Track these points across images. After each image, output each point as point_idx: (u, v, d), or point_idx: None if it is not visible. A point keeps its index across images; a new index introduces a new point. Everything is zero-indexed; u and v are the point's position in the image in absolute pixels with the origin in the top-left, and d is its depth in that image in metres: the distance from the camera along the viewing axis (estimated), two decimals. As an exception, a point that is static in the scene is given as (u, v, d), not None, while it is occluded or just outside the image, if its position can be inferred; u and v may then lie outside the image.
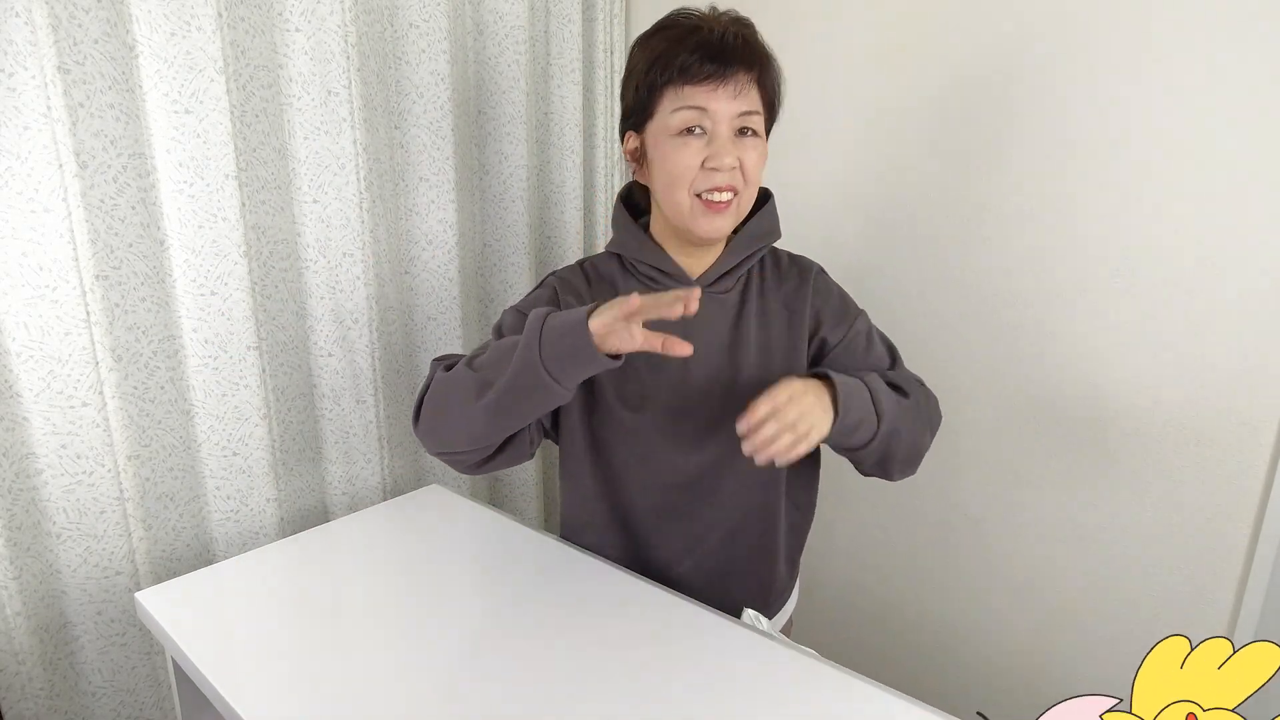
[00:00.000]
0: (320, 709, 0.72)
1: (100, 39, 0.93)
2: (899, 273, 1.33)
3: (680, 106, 0.82)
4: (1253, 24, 0.97)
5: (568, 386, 0.75)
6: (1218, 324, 1.05)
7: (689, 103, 0.82)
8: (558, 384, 0.73)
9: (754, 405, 0.75)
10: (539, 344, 0.73)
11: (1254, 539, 1.07)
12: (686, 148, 0.83)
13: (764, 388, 0.80)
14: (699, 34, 0.82)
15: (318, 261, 1.19)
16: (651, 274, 0.92)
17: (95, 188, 0.94)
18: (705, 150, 0.83)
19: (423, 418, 0.85)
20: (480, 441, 0.83)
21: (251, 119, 1.07)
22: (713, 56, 0.81)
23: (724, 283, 0.92)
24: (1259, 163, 0.99)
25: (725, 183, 0.83)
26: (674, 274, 0.91)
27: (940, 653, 1.41)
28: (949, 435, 1.32)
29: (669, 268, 0.91)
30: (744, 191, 0.85)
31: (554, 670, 0.77)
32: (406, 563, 0.99)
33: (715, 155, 0.82)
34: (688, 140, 0.83)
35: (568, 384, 0.74)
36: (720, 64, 0.81)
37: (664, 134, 0.84)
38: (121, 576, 1.07)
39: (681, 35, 0.83)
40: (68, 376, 0.97)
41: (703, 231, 0.86)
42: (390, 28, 1.22)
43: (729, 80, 0.81)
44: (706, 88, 0.81)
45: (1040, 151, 1.15)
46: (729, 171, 0.83)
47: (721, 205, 0.84)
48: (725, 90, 0.81)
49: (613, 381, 0.89)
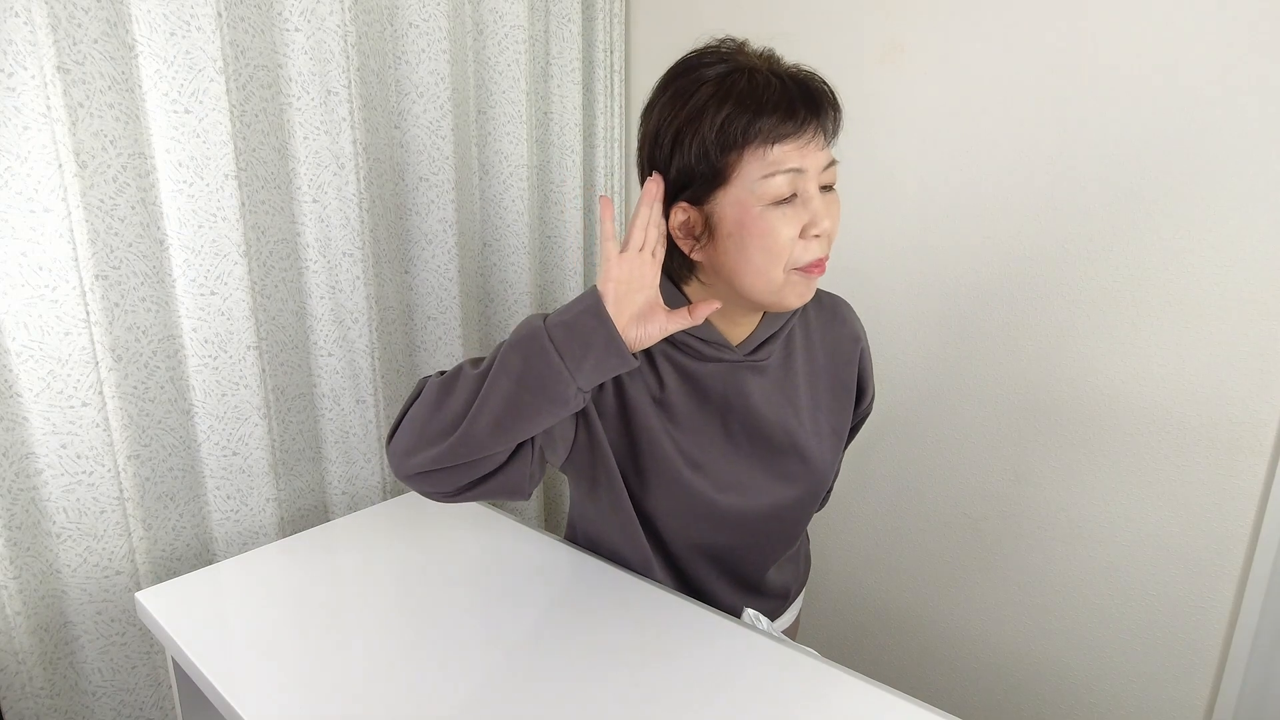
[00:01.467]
0: (320, 709, 0.72)
1: (100, 39, 0.92)
2: (899, 272, 1.33)
3: (772, 172, 0.69)
4: (1256, 23, 0.97)
5: (583, 385, 0.68)
6: (1218, 324, 1.05)
7: (784, 166, 0.69)
8: (573, 379, 0.67)
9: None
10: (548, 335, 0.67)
11: (1254, 539, 1.07)
12: (786, 219, 0.71)
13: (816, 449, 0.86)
14: (760, 74, 0.69)
15: (317, 261, 1.19)
16: (692, 343, 0.81)
17: (95, 187, 0.94)
18: (803, 217, 0.71)
19: (402, 428, 0.74)
20: (472, 451, 0.70)
21: (251, 118, 1.07)
22: (802, 102, 0.69)
23: (766, 349, 0.83)
24: (1259, 162, 0.99)
25: (826, 248, 0.74)
26: (716, 342, 0.81)
27: (941, 652, 1.41)
28: (949, 435, 1.33)
29: (712, 337, 0.81)
30: (828, 252, 0.76)
31: (554, 670, 0.77)
32: (406, 562, 0.99)
33: (815, 222, 0.71)
34: (784, 211, 0.71)
35: (584, 382, 0.68)
36: (811, 112, 0.69)
37: (753, 205, 0.71)
38: (121, 576, 1.07)
39: (742, 86, 0.69)
40: (68, 376, 0.97)
41: (793, 304, 0.76)
42: (390, 27, 1.22)
43: (816, 131, 0.70)
44: (799, 144, 0.69)
45: (1041, 150, 1.15)
46: (831, 225, 0.73)
47: (819, 272, 0.75)
48: (815, 143, 0.71)
49: (669, 435, 0.83)
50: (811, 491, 0.90)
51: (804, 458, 0.87)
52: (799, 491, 0.89)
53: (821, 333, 0.89)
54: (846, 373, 0.91)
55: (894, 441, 1.39)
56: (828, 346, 0.89)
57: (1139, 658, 1.20)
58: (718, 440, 0.84)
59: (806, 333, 0.88)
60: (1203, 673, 1.14)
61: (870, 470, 1.44)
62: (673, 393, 0.82)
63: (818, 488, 0.91)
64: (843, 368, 0.91)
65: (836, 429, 0.91)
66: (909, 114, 1.26)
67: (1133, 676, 1.21)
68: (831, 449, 0.90)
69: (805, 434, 0.87)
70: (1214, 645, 1.13)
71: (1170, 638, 1.16)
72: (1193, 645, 1.15)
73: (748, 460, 0.86)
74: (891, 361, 1.36)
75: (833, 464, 0.91)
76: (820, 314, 0.90)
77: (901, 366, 1.35)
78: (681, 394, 0.83)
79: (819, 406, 0.89)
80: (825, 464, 0.89)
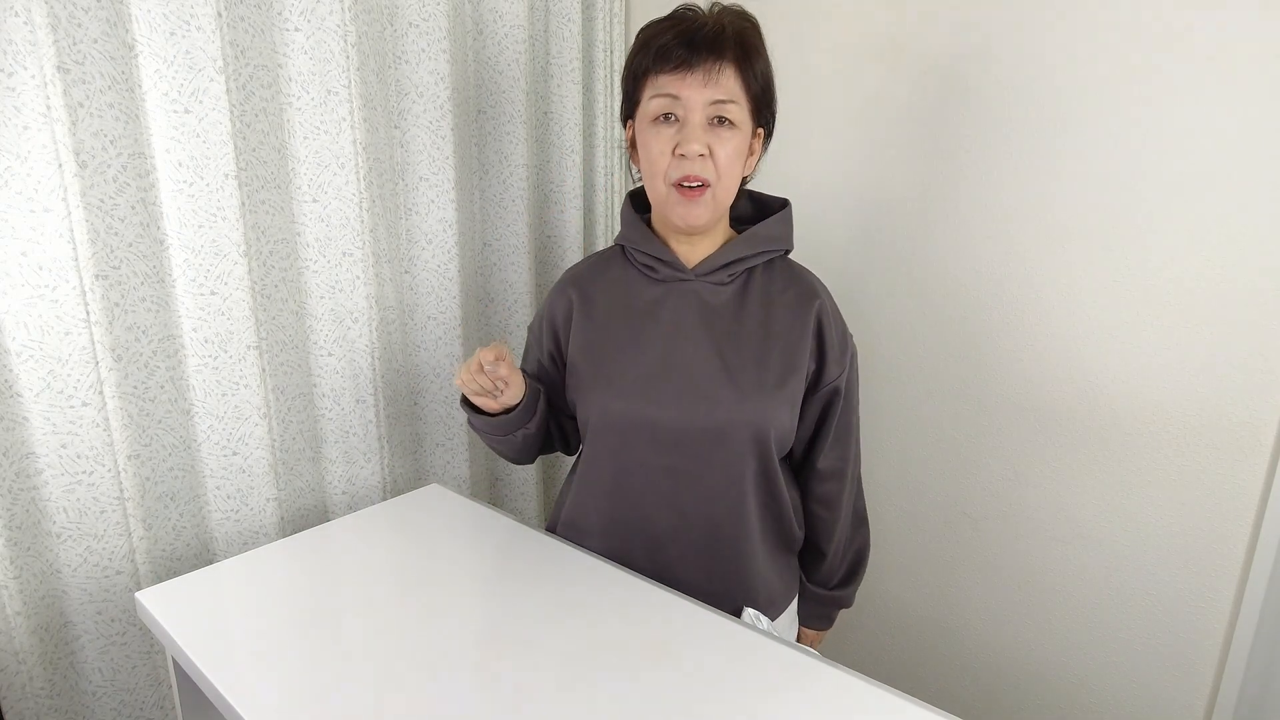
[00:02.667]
0: (320, 708, 0.72)
1: (100, 38, 0.92)
2: (899, 272, 1.33)
3: (656, 94, 0.85)
4: (1254, 22, 0.97)
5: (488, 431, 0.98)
6: (1218, 324, 1.05)
7: (662, 90, 0.85)
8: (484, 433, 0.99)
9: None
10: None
11: (1254, 539, 1.07)
12: (659, 135, 0.86)
13: (760, 373, 0.90)
14: (683, 24, 0.85)
15: (317, 261, 1.19)
16: (650, 263, 0.95)
17: (95, 187, 0.94)
18: (676, 137, 0.85)
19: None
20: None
21: (251, 118, 1.07)
22: (686, 44, 0.83)
23: (720, 275, 0.93)
24: (1259, 162, 0.99)
25: (695, 171, 0.85)
26: (670, 262, 0.94)
27: (940, 652, 1.42)
28: (949, 435, 1.33)
29: (666, 256, 0.94)
30: (717, 182, 0.87)
31: (554, 669, 0.77)
32: (406, 562, 0.99)
33: (684, 142, 0.84)
34: (661, 128, 0.86)
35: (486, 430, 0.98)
36: (690, 50, 0.83)
37: (644, 121, 0.88)
38: (122, 576, 1.07)
39: (668, 25, 0.86)
40: (68, 376, 0.97)
41: (678, 219, 0.89)
42: (390, 27, 1.22)
43: (698, 67, 0.83)
44: (678, 75, 0.83)
45: (1041, 150, 1.15)
46: (697, 160, 0.85)
47: (692, 193, 0.86)
48: (695, 77, 0.83)
49: (593, 359, 0.95)
50: (746, 422, 0.89)
51: (736, 386, 0.90)
52: (726, 417, 0.89)
53: (782, 285, 0.95)
54: (800, 324, 0.92)
55: (894, 441, 1.39)
56: (786, 299, 0.94)
57: (1139, 658, 1.20)
58: (633, 350, 0.94)
59: (768, 284, 0.95)
60: (1203, 673, 1.14)
61: (870, 470, 1.44)
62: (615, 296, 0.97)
63: (756, 419, 0.90)
64: (798, 320, 0.93)
65: (788, 369, 0.91)
66: (909, 113, 1.26)
67: (1133, 676, 1.21)
68: (776, 388, 0.90)
69: (744, 365, 0.91)
70: (1214, 645, 1.13)
71: (1170, 638, 1.16)
72: (1193, 645, 1.15)
73: (668, 374, 0.91)
74: (892, 361, 1.36)
75: (778, 406, 0.90)
76: (787, 275, 0.97)
77: (901, 366, 1.35)
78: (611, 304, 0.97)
79: (770, 349, 0.91)
80: (763, 399, 0.90)
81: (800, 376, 0.92)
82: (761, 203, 1.01)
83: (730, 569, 0.95)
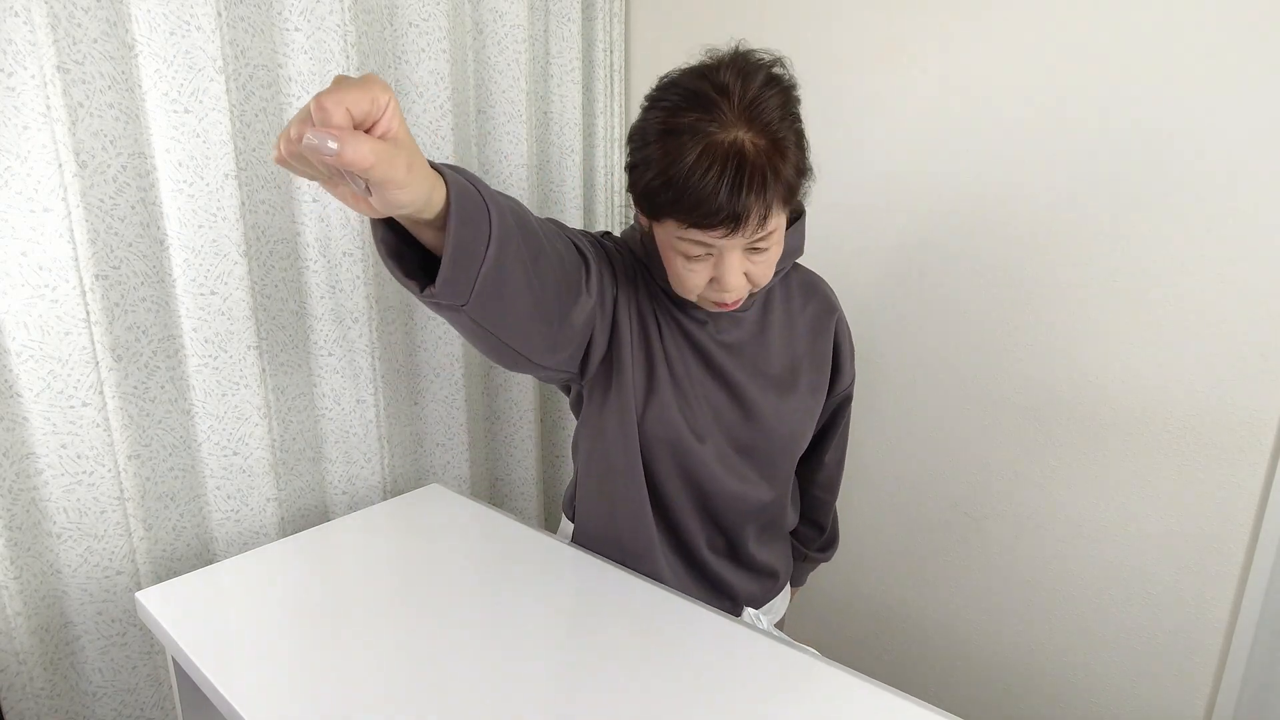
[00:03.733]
0: (320, 708, 0.72)
1: (99, 38, 0.92)
2: (898, 271, 1.33)
3: (688, 240, 0.75)
4: (1255, 23, 0.97)
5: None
6: (1218, 324, 1.05)
7: (697, 239, 0.74)
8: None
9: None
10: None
11: (1254, 539, 1.07)
12: (691, 270, 0.77)
13: (788, 398, 0.91)
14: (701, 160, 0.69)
15: (318, 261, 1.19)
16: (670, 291, 0.88)
17: (95, 187, 0.94)
18: (711, 271, 0.77)
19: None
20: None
21: (251, 118, 1.07)
22: (726, 200, 0.70)
23: (743, 303, 0.87)
24: (1260, 161, 0.99)
25: (734, 298, 0.80)
26: (699, 319, 0.89)
27: (940, 652, 1.42)
28: (949, 434, 1.33)
29: (697, 315, 0.89)
30: (756, 288, 0.81)
31: (554, 669, 0.77)
32: (406, 562, 0.99)
33: (723, 279, 0.77)
34: (693, 266, 0.77)
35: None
36: (734, 221, 0.71)
37: (669, 245, 0.78)
38: (122, 576, 1.07)
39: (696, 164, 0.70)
40: (68, 376, 0.97)
41: (710, 309, 0.85)
42: (389, 27, 1.22)
43: (744, 227, 0.72)
44: (716, 234, 0.73)
45: (1042, 150, 1.15)
46: (738, 289, 0.78)
47: (729, 308, 0.82)
48: (736, 239, 0.74)
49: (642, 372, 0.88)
50: (780, 434, 0.93)
51: (767, 405, 0.91)
52: (762, 434, 0.92)
53: (801, 302, 0.95)
54: (823, 340, 0.96)
55: (894, 440, 1.39)
56: (806, 316, 0.95)
57: (1139, 657, 1.20)
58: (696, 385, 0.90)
59: (787, 301, 0.94)
60: (1203, 672, 1.14)
61: (870, 469, 1.44)
62: (668, 338, 0.89)
63: (788, 431, 0.93)
64: (820, 336, 0.96)
65: (813, 387, 0.95)
66: (909, 113, 1.26)
67: (1133, 676, 1.21)
68: (804, 401, 0.94)
69: (771, 385, 0.91)
70: (1214, 645, 1.13)
71: (1170, 637, 1.16)
72: (1193, 645, 1.15)
73: (713, 400, 0.90)
74: (892, 360, 1.36)
75: (806, 416, 0.95)
76: (802, 288, 0.96)
77: (902, 366, 1.35)
78: (675, 340, 0.89)
79: (796, 368, 0.93)
80: (796, 413, 0.93)
81: (823, 393, 0.96)
82: None
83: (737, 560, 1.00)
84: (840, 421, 1.07)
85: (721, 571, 0.97)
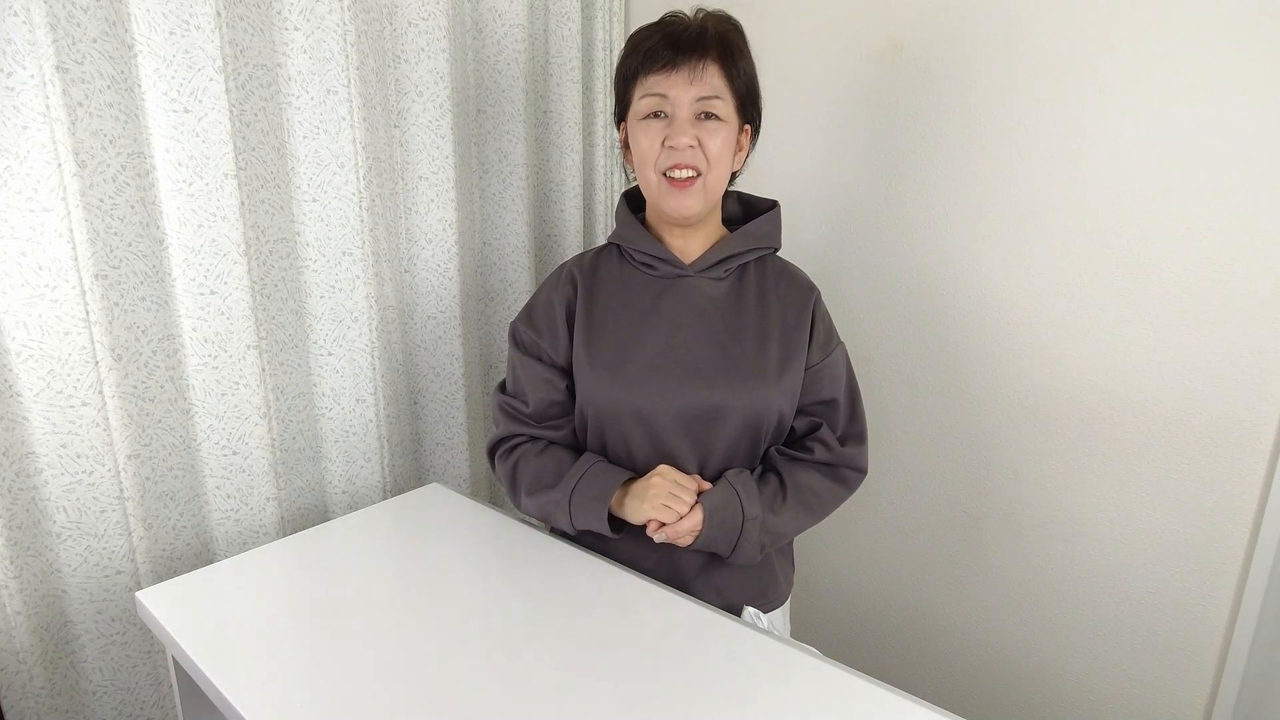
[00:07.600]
0: (320, 708, 0.72)
1: (99, 38, 0.92)
2: (899, 272, 1.33)
3: (645, 94, 0.91)
4: (1255, 23, 0.97)
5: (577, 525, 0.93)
6: (1218, 324, 1.05)
7: (650, 90, 0.90)
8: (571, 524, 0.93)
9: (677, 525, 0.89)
10: (569, 505, 0.92)
11: (1254, 539, 1.07)
12: (649, 130, 0.91)
13: (760, 362, 0.93)
14: (668, 28, 0.90)
15: (317, 260, 1.19)
16: (648, 260, 0.98)
17: (94, 187, 0.94)
18: (665, 131, 0.90)
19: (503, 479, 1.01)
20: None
21: (251, 118, 1.07)
22: (671, 45, 0.88)
23: (716, 270, 0.97)
24: (1260, 161, 0.99)
25: (685, 160, 0.90)
26: (667, 259, 0.97)
27: (940, 651, 1.42)
28: (949, 434, 1.33)
29: (662, 254, 0.97)
30: (708, 172, 0.91)
31: (554, 669, 0.77)
32: (406, 562, 0.99)
33: (673, 134, 0.89)
34: (650, 124, 0.91)
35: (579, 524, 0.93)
36: (675, 50, 0.88)
37: (635, 119, 0.93)
38: (122, 575, 1.07)
39: (655, 30, 0.91)
40: (67, 376, 0.97)
41: (670, 209, 0.93)
42: (389, 26, 1.22)
43: (683, 66, 0.88)
44: (664, 74, 0.89)
45: (1042, 150, 1.15)
46: (686, 150, 0.89)
47: (683, 183, 0.91)
48: (680, 76, 0.88)
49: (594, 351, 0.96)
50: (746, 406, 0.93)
51: (737, 373, 0.94)
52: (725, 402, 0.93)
53: (776, 279, 1.00)
54: (800, 314, 0.97)
55: (894, 440, 1.39)
56: (780, 292, 0.99)
57: (1138, 657, 1.20)
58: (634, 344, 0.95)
59: (761, 278, 0.99)
60: (1202, 672, 1.14)
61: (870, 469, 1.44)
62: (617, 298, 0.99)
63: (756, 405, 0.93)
64: (795, 309, 0.97)
65: (787, 357, 0.95)
66: (909, 113, 1.26)
67: (1132, 676, 1.21)
68: (776, 377, 0.94)
69: (744, 354, 0.94)
70: (1214, 645, 1.13)
71: (1170, 637, 1.16)
72: (1192, 645, 1.15)
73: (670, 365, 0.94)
74: (892, 360, 1.36)
75: (778, 394, 0.94)
76: (779, 270, 1.01)
77: (901, 365, 1.35)
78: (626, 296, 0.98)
79: (768, 339, 0.95)
80: (764, 387, 0.94)
81: (800, 364, 0.96)
82: (750, 204, 1.05)
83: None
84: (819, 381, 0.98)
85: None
